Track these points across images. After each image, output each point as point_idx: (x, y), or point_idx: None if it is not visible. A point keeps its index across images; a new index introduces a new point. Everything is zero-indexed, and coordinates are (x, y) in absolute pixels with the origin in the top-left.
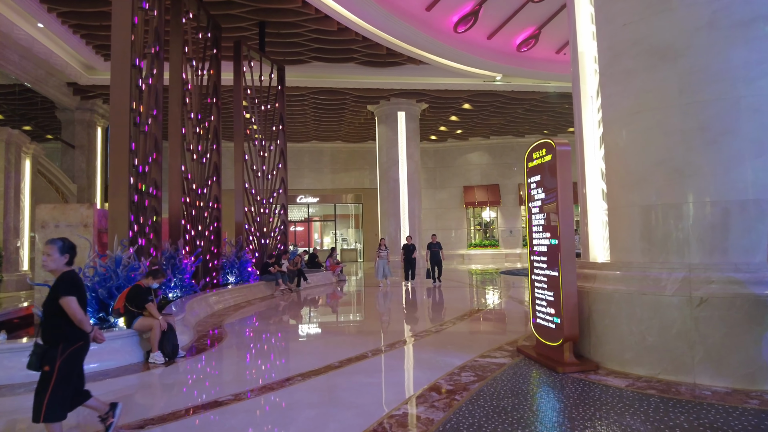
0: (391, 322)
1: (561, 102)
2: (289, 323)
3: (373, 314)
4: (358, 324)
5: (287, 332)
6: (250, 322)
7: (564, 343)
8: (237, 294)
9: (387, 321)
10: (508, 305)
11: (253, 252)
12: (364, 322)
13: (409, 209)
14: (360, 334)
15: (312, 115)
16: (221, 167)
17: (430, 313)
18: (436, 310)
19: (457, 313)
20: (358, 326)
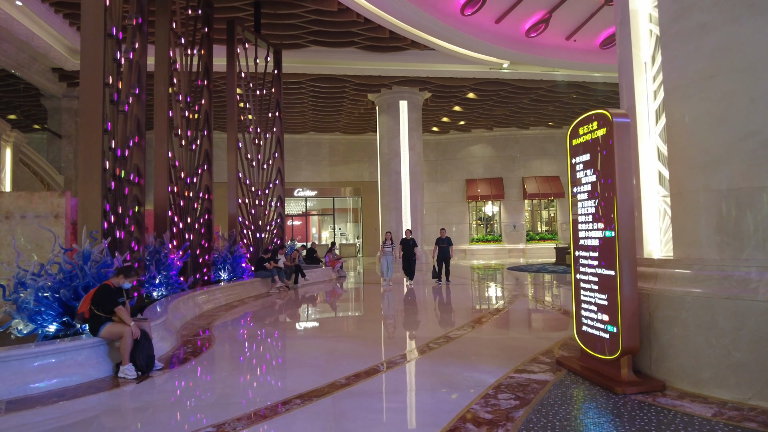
0: (400, 326)
1: (569, 92)
2: (285, 326)
3: (379, 316)
4: (364, 328)
5: (283, 338)
6: (242, 325)
7: (622, 357)
8: (229, 292)
9: (395, 325)
10: (527, 306)
11: (248, 247)
12: (369, 326)
13: (411, 203)
14: (367, 341)
15: (310, 105)
16: (213, 156)
17: (443, 316)
18: (447, 311)
19: (472, 315)
20: (364, 331)
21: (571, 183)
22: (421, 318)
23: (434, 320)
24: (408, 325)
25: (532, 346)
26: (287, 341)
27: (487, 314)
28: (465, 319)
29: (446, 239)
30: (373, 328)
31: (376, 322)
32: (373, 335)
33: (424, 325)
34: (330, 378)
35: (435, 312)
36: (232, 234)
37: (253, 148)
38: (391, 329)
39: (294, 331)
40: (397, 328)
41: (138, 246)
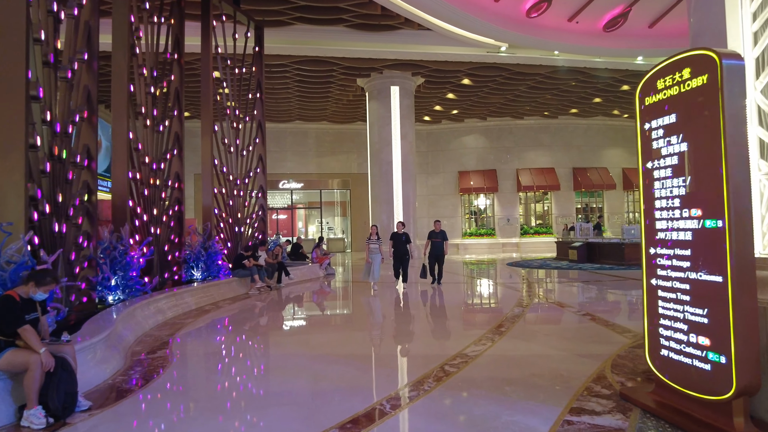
0: (403, 340)
1: (568, 78)
2: (263, 339)
3: (375, 326)
4: (358, 343)
5: (259, 356)
6: (211, 337)
7: (735, 399)
8: (201, 294)
9: (397, 338)
10: (547, 310)
11: (225, 242)
12: (364, 341)
13: (403, 195)
14: (364, 363)
15: (295, 90)
16: (183, 139)
17: (452, 326)
18: (456, 320)
19: (486, 324)
20: (358, 347)
21: (643, 156)
22: (426, 329)
23: (443, 332)
24: (412, 340)
25: (577, 369)
26: (263, 362)
27: (505, 322)
28: (480, 330)
29: (440, 233)
30: (369, 343)
31: (372, 335)
32: (369, 354)
33: (432, 340)
34: (318, 425)
35: (441, 321)
36: (206, 228)
37: (231, 132)
38: (391, 345)
39: (273, 347)
40: (400, 343)
41: (87, 241)
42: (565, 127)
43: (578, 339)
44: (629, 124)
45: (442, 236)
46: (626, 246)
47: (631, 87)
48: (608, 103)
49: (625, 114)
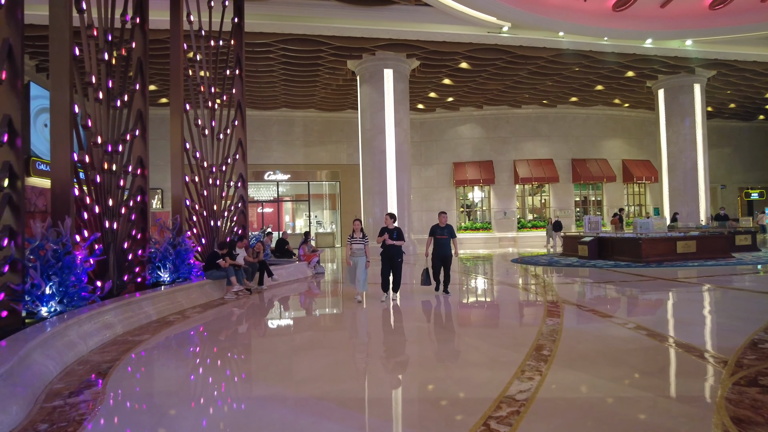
0: (418, 372)
1: (572, 63)
2: (233, 368)
3: (378, 348)
4: (357, 377)
5: (223, 402)
6: (162, 366)
7: None
8: (166, 301)
9: (410, 368)
10: (589, 323)
11: (198, 238)
12: (366, 373)
13: (398, 186)
14: (372, 415)
15: (281, 74)
16: (148, 118)
17: (476, 347)
18: (477, 337)
19: (519, 345)
20: (358, 385)
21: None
22: (446, 354)
23: (469, 359)
24: (431, 372)
25: (679, 413)
26: (227, 412)
27: (543, 341)
28: (515, 354)
29: (447, 228)
30: (373, 377)
31: (375, 363)
32: (376, 396)
33: (458, 371)
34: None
35: (461, 341)
36: (175, 222)
37: (206, 113)
38: (405, 381)
39: (244, 384)
40: (415, 377)
41: (9, 239)
42: (564, 116)
43: (653, 368)
44: (630, 114)
45: (449, 232)
46: (644, 241)
47: (636, 73)
48: (610, 92)
49: (626, 103)
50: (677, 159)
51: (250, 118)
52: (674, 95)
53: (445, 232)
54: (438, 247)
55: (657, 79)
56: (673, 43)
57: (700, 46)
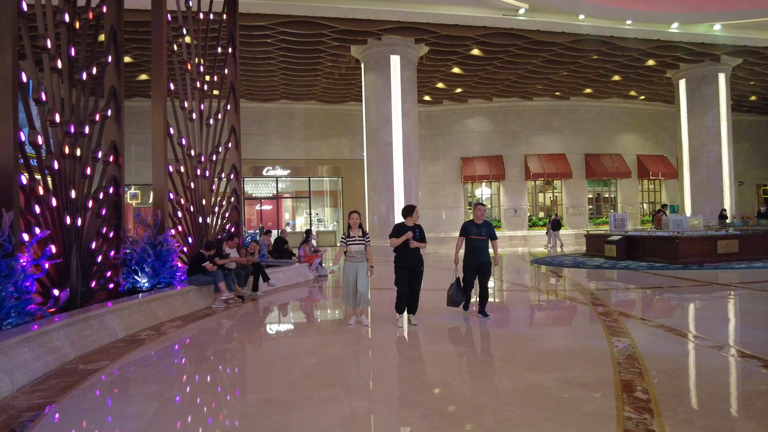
0: (480, 428)
1: (590, 50)
2: (214, 416)
3: (416, 390)
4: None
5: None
6: (118, 407)
7: None
8: (138, 314)
9: (469, 426)
10: (664, 342)
11: (184, 236)
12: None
13: (405, 181)
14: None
15: (280, 62)
16: (123, 96)
17: (543, 384)
18: (543, 369)
19: (600, 383)
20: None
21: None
22: (509, 399)
23: (542, 408)
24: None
25: None
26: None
27: (628, 377)
28: (602, 397)
29: (485, 226)
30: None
31: (411, 418)
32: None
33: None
34: None
35: (520, 379)
36: (156, 218)
37: (194, 94)
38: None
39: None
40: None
41: None
42: (577, 109)
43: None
44: (645, 107)
45: (489, 231)
46: (681, 241)
47: (656, 62)
48: (627, 82)
49: (642, 96)
50: (700, 153)
51: (248, 110)
52: (697, 85)
53: (483, 230)
54: (473, 252)
55: (678, 68)
56: (701, 28)
57: (729, 31)
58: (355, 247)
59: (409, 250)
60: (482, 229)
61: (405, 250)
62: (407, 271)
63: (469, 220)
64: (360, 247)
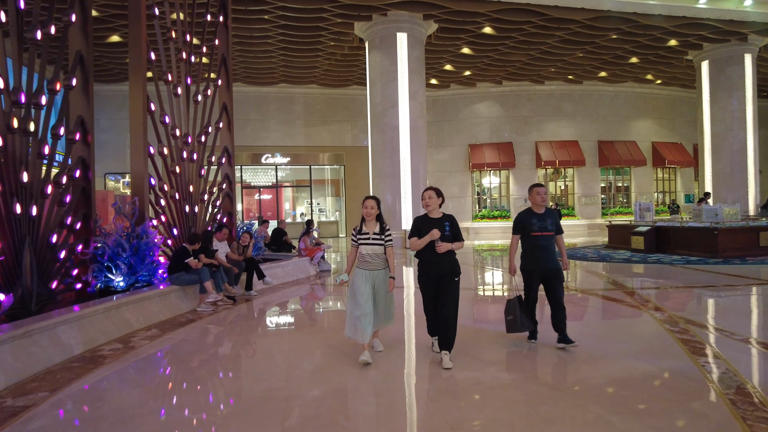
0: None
1: (610, 28)
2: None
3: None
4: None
5: None
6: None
7: None
8: (104, 322)
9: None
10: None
11: (168, 228)
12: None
13: (412, 168)
14: None
15: (278, 41)
16: (91, 64)
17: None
18: (642, 418)
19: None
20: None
21: None
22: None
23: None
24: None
25: None
26: None
27: (759, 425)
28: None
29: (549, 215)
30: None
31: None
32: None
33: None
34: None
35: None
36: (134, 206)
37: (181, 67)
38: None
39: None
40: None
41: None
42: (591, 94)
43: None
44: (661, 92)
45: (554, 223)
46: (720, 232)
47: (679, 42)
48: (645, 65)
49: (658, 80)
50: (723, 139)
51: (245, 94)
52: (721, 67)
53: (549, 222)
54: (535, 253)
55: (701, 48)
56: (730, 3)
57: (761, 7)
58: (368, 249)
59: (436, 254)
60: (546, 220)
61: (430, 254)
62: (434, 283)
63: (525, 210)
64: (376, 248)
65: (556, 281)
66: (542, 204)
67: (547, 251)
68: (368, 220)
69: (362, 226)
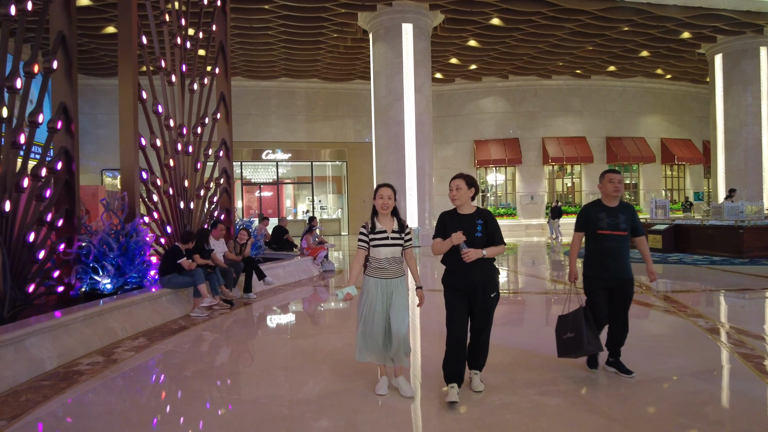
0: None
1: (621, 20)
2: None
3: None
4: None
5: None
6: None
7: None
8: (84, 331)
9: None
10: None
11: (161, 225)
12: None
13: (418, 164)
14: None
15: (279, 33)
16: (74, 46)
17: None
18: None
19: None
20: None
21: None
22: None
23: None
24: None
25: None
26: None
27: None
28: None
29: (623, 211)
30: None
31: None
32: None
33: None
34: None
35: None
36: (123, 201)
37: (176, 53)
38: None
39: None
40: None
41: None
42: (598, 89)
43: None
44: (670, 87)
45: (628, 220)
46: (746, 231)
47: (692, 34)
48: (655, 59)
49: (668, 74)
50: (737, 135)
51: (246, 89)
52: (735, 60)
53: (622, 219)
54: (604, 258)
55: (715, 41)
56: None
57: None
58: (385, 251)
59: (464, 262)
60: (619, 216)
61: (457, 262)
62: (462, 300)
63: (592, 202)
64: (395, 250)
65: (625, 296)
66: (615, 195)
67: (617, 256)
68: (383, 215)
69: (375, 223)
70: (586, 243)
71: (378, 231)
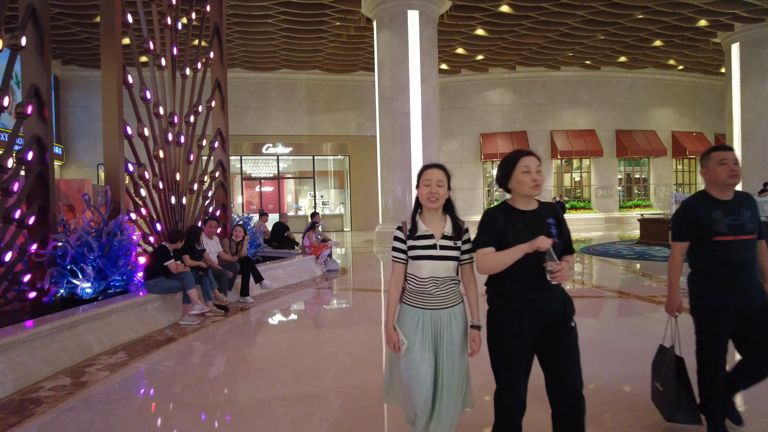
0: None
1: (636, 7)
2: None
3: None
4: None
5: None
6: None
7: None
8: (52, 348)
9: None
10: None
11: (150, 222)
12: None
13: (424, 157)
14: None
15: (279, 22)
16: (46, 23)
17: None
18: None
19: None
20: None
21: None
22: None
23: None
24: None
25: None
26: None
27: None
28: None
29: (744, 205)
30: None
31: None
32: None
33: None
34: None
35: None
36: (106, 196)
37: (166, 34)
38: None
39: None
40: None
41: None
42: (608, 81)
43: None
44: (681, 78)
45: (755, 217)
46: None
47: (709, 22)
48: (668, 49)
49: (680, 65)
50: (755, 126)
51: (245, 81)
52: (754, 49)
53: (747, 217)
54: (727, 276)
55: (732, 30)
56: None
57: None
58: (432, 267)
59: (537, 283)
60: (742, 213)
61: (526, 283)
62: (530, 339)
63: (694, 197)
64: (448, 265)
65: (763, 327)
66: (732, 183)
67: (745, 268)
68: (430, 210)
69: (418, 222)
70: (695, 257)
71: (421, 235)
